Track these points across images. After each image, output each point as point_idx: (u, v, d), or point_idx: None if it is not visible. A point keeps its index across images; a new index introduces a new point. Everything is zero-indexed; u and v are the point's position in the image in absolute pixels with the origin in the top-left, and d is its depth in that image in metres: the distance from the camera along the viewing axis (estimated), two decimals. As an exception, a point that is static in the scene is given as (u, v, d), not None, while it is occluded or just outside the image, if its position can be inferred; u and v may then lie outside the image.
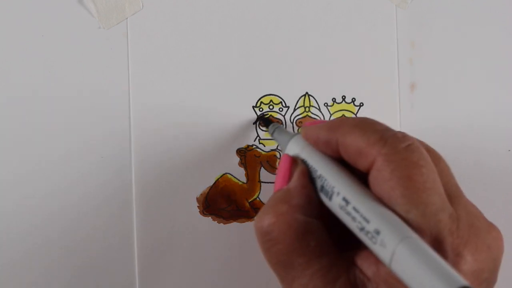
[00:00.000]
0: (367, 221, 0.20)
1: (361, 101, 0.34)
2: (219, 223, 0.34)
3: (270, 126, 0.31)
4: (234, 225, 0.34)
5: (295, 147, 0.25)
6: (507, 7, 0.34)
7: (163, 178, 0.33)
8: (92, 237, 0.33)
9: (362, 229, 0.20)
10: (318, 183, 0.23)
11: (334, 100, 0.34)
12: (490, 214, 0.22)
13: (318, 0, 0.34)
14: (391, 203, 0.20)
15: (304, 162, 0.24)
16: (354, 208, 0.20)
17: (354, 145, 0.21)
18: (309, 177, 0.23)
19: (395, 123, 0.34)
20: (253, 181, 0.34)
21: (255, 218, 0.23)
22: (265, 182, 0.34)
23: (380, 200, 0.20)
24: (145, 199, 0.33)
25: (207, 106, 0.34)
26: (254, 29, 0.34)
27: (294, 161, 0.25)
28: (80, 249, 0.33)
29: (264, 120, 0.33)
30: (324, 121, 0.26)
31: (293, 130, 0.34)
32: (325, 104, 0.34)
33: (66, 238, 0.33)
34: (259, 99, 0.34)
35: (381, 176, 0.20)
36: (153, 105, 0.33)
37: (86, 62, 0.33)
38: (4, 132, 0.33)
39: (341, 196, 0.21)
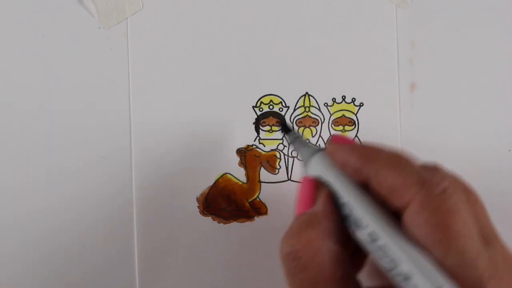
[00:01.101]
0: (397, 263, 0.19)
1: (361, 101, 0.34)
2: (219, 223, 0.34)
3: (291, 135, 0.29)
4: (234, 225, 0.34)
5: (318, 165, 0.24)
6: (507, 7, 0.34)
7: (163, 178, 0.33)
8: (92, 237, 0.33)
9: (390, 270, 0.20)
10: (344, 211, 0.22)
11: (334, 100, 0.34)
12: (490, 214, 0.22)
13: (318, 0, 0.34)
14: (427, 247, 0.20)
15: (327, 184, 0.23)
16: (384, 247, 0.20)
17: (388, 182, 0.21)
18: (334, 201, 0.22)
19: (395, 123, 0.34)
20: (253, 181, 0.34)
21: (281, 242, 0.22)
22: (265, 182, 0.34)
23: (413, 241, 0.20)
24: (145, 199, 0.33)
25: (207, 106, 0.34)
26: (254, 29, 0.34)
27: (318, 184, 0.24)
28: (80, 249, 0.33)
29: (284, 127, 0.30)
30: (352, 142, 0.24)
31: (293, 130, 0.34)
32: (325, 104, 0.34)
33: (66, 238, 0.33)
34: (259, 99, 0.34)
35: (416, 221, 0.20)
36: (153, 105, 0.33)
37: (86, 62, 0.33)
38: (4, 132, 0.33)
39: (367, 231, 0.21)
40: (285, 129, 0.29)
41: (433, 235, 0.19)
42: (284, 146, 0.34)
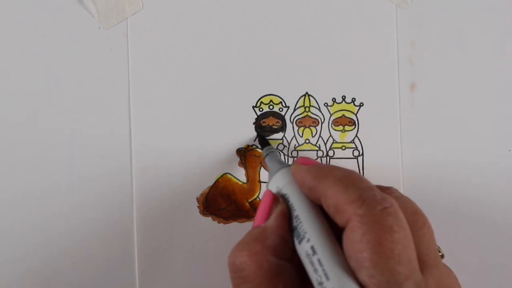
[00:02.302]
0: (327, 278, 0.20)
1: (361, 101, 0.34)
2: (219, 223, 0.34)
3: (265, 149, 0.31)
4: (234, 225, 0.34)
5: (280, 180, 0.25)
6: (507, 7, 0.34)
7: (163, 178, 0.33)
8: (92, 237, 0.33)
9: (320, 283, 0.20)
10: (293, 224, 0.23)
11: (334, 100, 0.34)
12: (489, 214, 0.22)
13: (318, 0, 0.34)
14: (358, 264, 0.20)
15: (285, 199, 0.24)
16: (319, 261, 0.20)
17: (333, 199, 0.21)
18: (287, 217, 0.23)
19: (395, 123, 0.34)
20: (253, 181, 0.34)
21: (230, 252, 0.23)
22: (265, 182, 0.34)
23: (348, 260, 0.20)
24: (145, 199, 0.33)
25: (207, 106, 0.34)
26: (254, 29, 0.34)
27: (276, 199, 0.25)
28: (80, 249, 0.33)
29: (261, 140, 0.33)
30: (315, 163, 0.26)
31: (293, 130, 0.34)
32: (325, 104, 0.34)
33: (66, 238, 0.33)
34: (259, 99, 0.34)
35: (353, 236, 0.20)
36: (153, 105, 0.33)
37: (86, 62, 0.33)
38: (4, 132, 0.33)
39: (310, 244, 0.21)
40: (263, 143, 0.32)
41: (365, 251, 0.19)
42: (284, 146, 0.34)
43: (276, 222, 0.23)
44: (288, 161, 0.34)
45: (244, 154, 0.34)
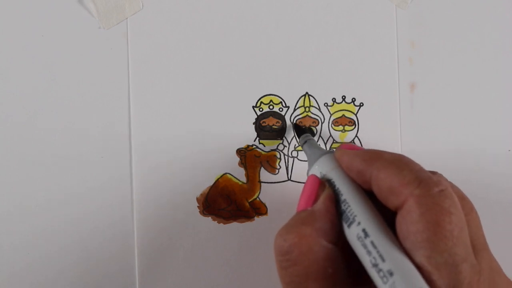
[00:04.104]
0: (383, 259, 0.20)
1: (361, 101, 0.34)
2: (219, 223, 0.34)
3: (302, 137, 0.31)
4: (234, 225, 0.34)
5: (324, 165, 0.25)
6: (506, 7, 0.34)
7: (163, 178, 0.33)
8: (92, 237, 0.33)
9: (375, 265, 0.20)
10: (341, 208, 0.23)
11: (334, 100, 0.34)
12: (490, 214, 0.22)
13: (318, 0, 0.34)
14: (414, 246, 0.20)
15: (330, 184, 0.24)
16: (372, 243, 0.20)
17: (387, 181, 0.21)
18: (335, 201, 0.23)
19: (395, 123, 0.34)
20: (253, 181, 0.34)
21: (276, 235, 0.23)
22: (265, 182, 0.34)
23: (402, 241, 0.20)
24: (145, 199, 0.33)
25: (207, 106, 0.34)
26: (254, 29, 0.34)
27: (322, 183, 0.24)
28: (80, 249, 0.33)
29: (297, 128, 0.33)
30: (361, 148, 0.25)
31: (293, 130, 0.34)
32: (325, 104, 0.34)
33: (66, 238, 0.33)
34: (259, 99, 0.34)
35: (410, 217, 0.20)
36: (153, 105, 0.33)
37: (86, 62, 0.33)
38: (4, 132, 0.33)
39: (362, 227, 0.21)
40: (298, 130, 0.32)
41: (424, 232, 0.19)
42: (284, 146, 0.34)
43: (324, 205, 0.23)
44: (288, 161, 0.34)
45: (244, 154, 0.34)
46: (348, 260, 0.22)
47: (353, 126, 0.34)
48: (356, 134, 0.34)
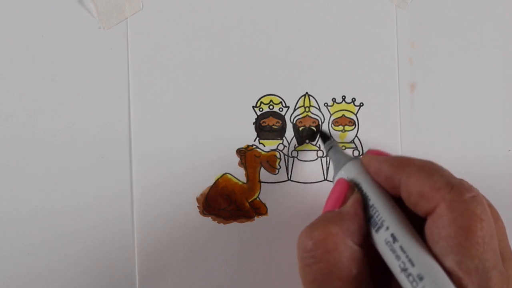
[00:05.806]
0: (412, 264, 0.20)
1: (361, 101, 0.34)
2: (219, 223, 0.34)
3: (327, 143, 0.32)
4: (234, 225, 0.34)
5: (352, 171, 0.25)
6: (506, 7, 0.34)
7: (163, 178, 0.33)
8: (92, 237, 0.33)
9: (404, 270, 0.20)
10: (369, 212, 0.23)
11: (334, 100, 0.34)
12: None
13: (318, 0, 0.34)
14: (445, 250, 0.20)
15: (358, 189, 0.24)
16: (401, 247, 0.21)
17: (418, 186, 0.21)
18: (363, 205, 0.23)
19: (395, 123, 0.34)
20: (253, 181, 0.34)
21: (301, 232, 0.23)
22: (265, 182, 0.34)
23: (432, 246, 0.20)
24: (145, 199, 0.33)
25: (207, 106, 0.34)
26: (254, 29, 0.34)
27: (351, 187, 0.25)
28: (80, 249, 0.33)
29: (323, 135, 0.33)
30: (387, 154, 0.26)
31: (293, 130, 0.34)
32: (325, 104, 0.34)
33: (66, 238, 0.33)
34: (259, 99, 0.34)
35: (441, 222, 0.20)
36: (153, 105, 0.33)
37: (86, 62, 0.33)
38: (4, 132, 0.33)
39: (390, 231, 0.21)
40: (324, 137, 0.32)
41: (455, 237, 0.19)
42: (284, 146, 0.34)
43: (353, 208, 0.23)
44: (288, 161, 0.34)
45: (244, 154, 0.34)
46: (372, 266, 0.22)
47: (353, 126, 0.34)
48: (356, 134, 0.34)
